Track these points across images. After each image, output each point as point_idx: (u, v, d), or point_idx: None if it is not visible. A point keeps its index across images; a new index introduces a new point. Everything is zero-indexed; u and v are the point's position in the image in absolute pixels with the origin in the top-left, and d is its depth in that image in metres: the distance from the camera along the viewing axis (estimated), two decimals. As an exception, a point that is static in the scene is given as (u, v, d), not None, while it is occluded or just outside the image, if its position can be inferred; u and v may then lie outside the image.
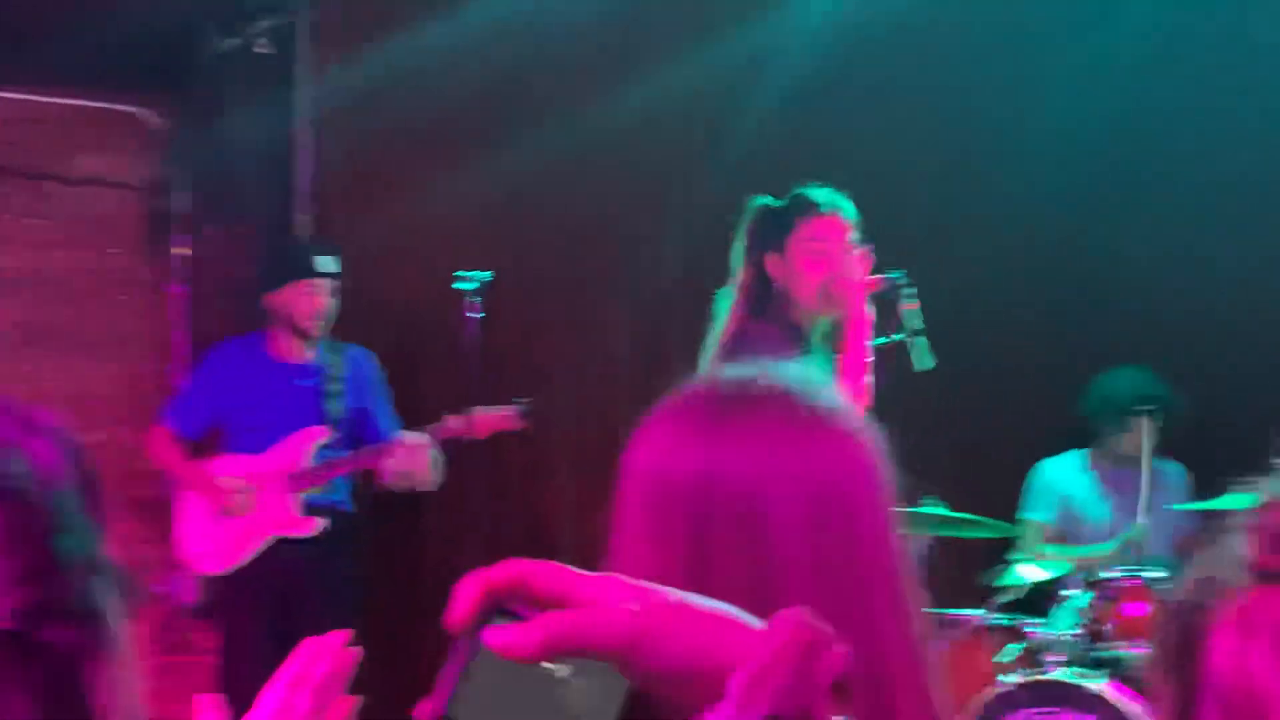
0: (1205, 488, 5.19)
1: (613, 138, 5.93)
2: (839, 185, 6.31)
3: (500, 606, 0.77)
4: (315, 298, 5.15)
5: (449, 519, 5.43)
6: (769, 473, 1.16)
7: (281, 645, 5.39)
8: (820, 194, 3.84)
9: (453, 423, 5.08)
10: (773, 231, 3.81)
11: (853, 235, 3.79)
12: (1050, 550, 5.49)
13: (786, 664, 0.72)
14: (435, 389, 5.64)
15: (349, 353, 5.31)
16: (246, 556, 5.11)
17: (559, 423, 5.81)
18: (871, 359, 3.90)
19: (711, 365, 3.60)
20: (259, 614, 5.07)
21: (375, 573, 5.62)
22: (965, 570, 5.64)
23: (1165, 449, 5.54)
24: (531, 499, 5.84)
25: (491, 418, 5.13)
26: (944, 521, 4.94)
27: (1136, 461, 5.28)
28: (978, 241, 6.49)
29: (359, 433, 5.29)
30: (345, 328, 5.31)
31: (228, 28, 5.39)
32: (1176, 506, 5.33)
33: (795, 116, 6.32)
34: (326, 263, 5.19)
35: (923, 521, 4.84)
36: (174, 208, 5.70)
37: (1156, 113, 6.48)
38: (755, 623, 0.76)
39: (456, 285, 4.87)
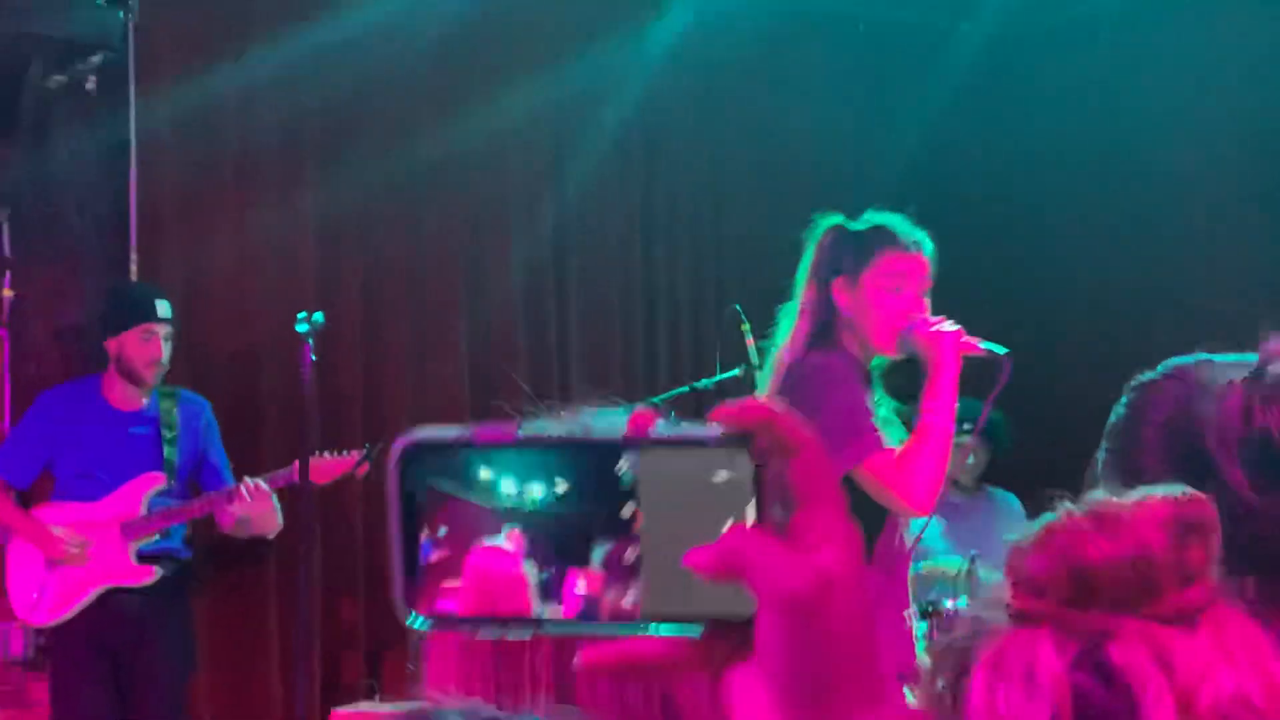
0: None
1: (452, 168, 5.90)
2: (675, 214, 6.42)
3: None
4: (154, 343, 5.04)
5: (289, 566, 5.33)
6: None
7: (116, 695, 5.21)
8: (904, 226, 3.48)
9: (291, 470, 5.00)
10: (847, 256, 3.45)
11: (929, 277, 3.45)
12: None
13: None
14: (273, 434, 5.56)
15: (184, 398, 5.21)
16: (78, 606, 4.98)
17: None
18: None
19: (769, 390, 3.41)
20: (91, 665, 4.94)
21: (213, 621, 5.50)
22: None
23: (997, 477, 5.67)
24: (374, 544, 5.76)
25: (333, 464, 5.07)
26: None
27: (970, 490, 5.39)
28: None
29: (195, 480, 5.19)
30: (177, 372, 5.20)
31: (55, 65, 5.26)
32: (1010, 536, 5.43)
33: (638, 145, 6.36)
34: (165, 307, 5.09)
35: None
36: (-2, 249, 5.55)
37: (978, 144, 6.64)
38: None
39: (296, 328, 4.80)
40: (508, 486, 0.75)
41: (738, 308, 5.01)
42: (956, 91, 6.58)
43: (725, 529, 0.72)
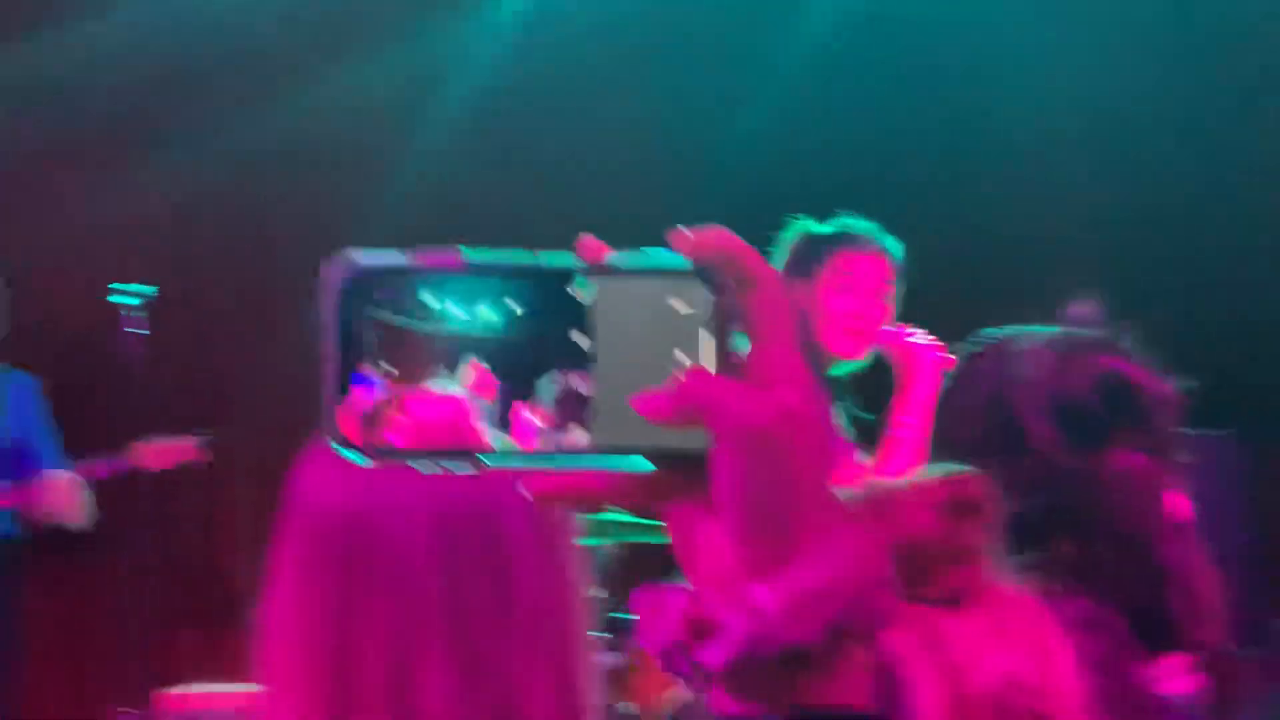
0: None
1: (292, 143, 5.79)
2: (523, 192, 6.36)
3: None
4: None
5: (121, 551, 5.19)
6: (413, 511, 1.14)
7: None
8: (863, 225, 3.40)
9: (123, 456, 4.85)
10: (804, 257, 3.35)
11: (892, 279, 3.35)
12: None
13: (840, 599, 0.71)
14: (105, 416, 5.40)
15: (10, 378, 5.04)
16: None
17: (238, 449, 5.64)
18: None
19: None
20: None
21: (43, 605, 5.35)
22: (652, 575, 5.68)
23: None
24: (211, 529, 5.64)
25: (166, 449, 4.93)
26: (627, 527, 4.97)
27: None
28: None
29: (20, 463, 5.02)
30: (7, 350, 5.04)
31: None
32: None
33: (478, 122, 6.29)
34: (-8, 283, 4.92)
35: (607, 528, 4.86)
36: None
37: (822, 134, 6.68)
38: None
39: (113, 300, 4.63)
40: (455, 313, 0.73)
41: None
42: (810, 66, 6.60)
43: (680, 362, 0.71)
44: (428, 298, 0.73)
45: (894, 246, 3.39)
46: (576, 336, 0.72)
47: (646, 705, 4.91)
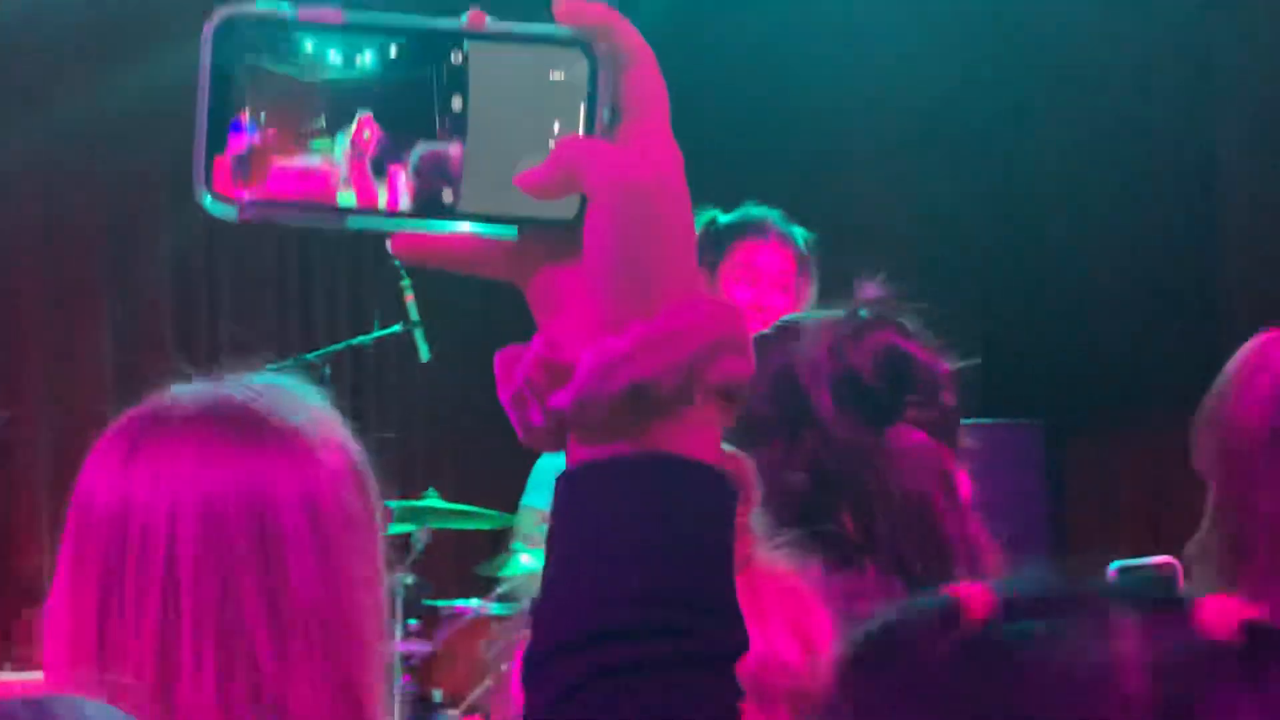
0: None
1: (97, 130, 5.63)
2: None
3: None
4: None
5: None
6: (171, 503, 1.11)
7: None
8: (766, 215, 3.37)
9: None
10: (705, 248, 3.25)
11: (796, 267, 3.30)
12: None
13: (691, 346, 0.71)
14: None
15: None
16: None
17: (36, 436, 5.48)
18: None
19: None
20: None
21: None
22: (464, 562, 5.65)
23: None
24: (4, 519, 5.47)
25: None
26: (441, 514, 4.93)
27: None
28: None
29: None
30: None
31: None
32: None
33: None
34: None
35: (420, 515, 4.82)
36: None
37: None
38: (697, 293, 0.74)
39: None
40: (335, 65, 0.72)
41: (398, 263, 4.89)
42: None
43: (556, 133, 0.72)
44: (308, 49, 0.72)
45: (799, 234, 3.40)
46: (454, 102, 0.72)
47: (456, 693, 4.89)
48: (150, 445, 1.14)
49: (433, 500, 4.89)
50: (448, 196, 0.72)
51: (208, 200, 0.72)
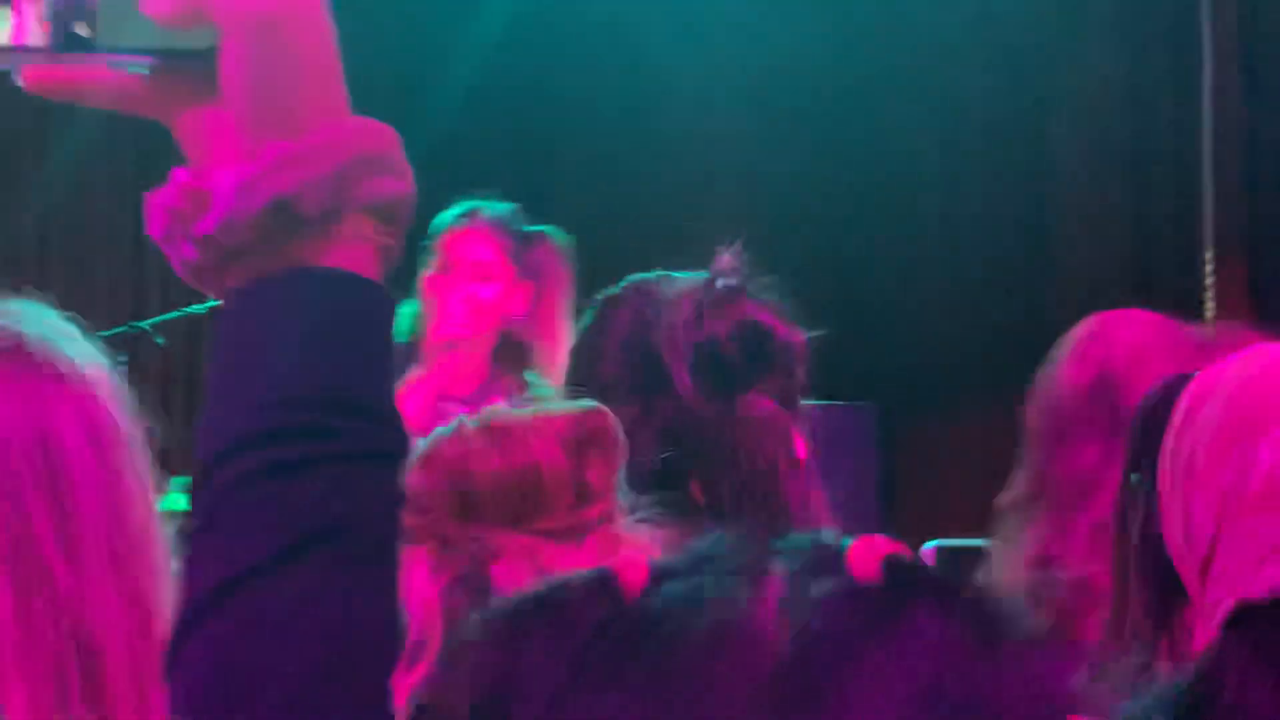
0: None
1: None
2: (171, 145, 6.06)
3: None
4: None
5: None
6: None
7: None
8: (476, 204, 3.29)
9: None
10: (427, 249, 3.26)
11: (502, 252, 3.27)
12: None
13: (332, 162, 0.71)
14: None
15: None
16: None
17: None
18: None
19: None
20: None
21: None
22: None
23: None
24: None
25: None
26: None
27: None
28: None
29: None
30: None
31: None
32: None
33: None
34: None
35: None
36: None
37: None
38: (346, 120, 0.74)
39: None
40: None
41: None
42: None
43: None
44: None
45: (509, 220, 3.36)
46: None
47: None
48: None
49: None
50: (83, 30, 0.72)
51: None
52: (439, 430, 0.82)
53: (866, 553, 0.56)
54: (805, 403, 1.34)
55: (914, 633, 0.54)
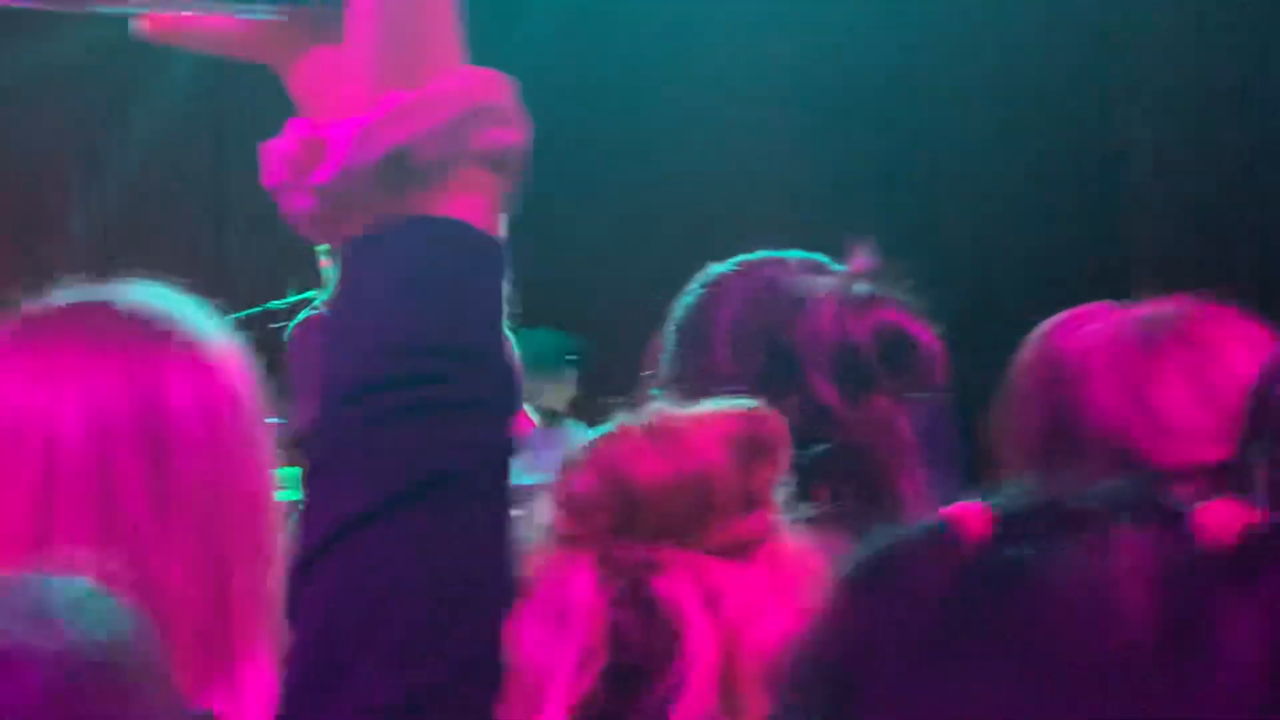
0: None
1: (16, 94, 5.52)
2: (257, 134, 6.09)
3: None
4: None
5: None
6: (53, 400, 1.10)
7: None
8: None
9: None
10: None
11: None
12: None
13: (450, 111, 0.71)
14: None
15: None
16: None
17: None
18: None
19: None
20: None
21: None
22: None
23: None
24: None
25: None
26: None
27: (560, 417, 5.37)
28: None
29: None
30: None
31: None
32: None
33: (212, 78, 6.06)
34: None
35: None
36: None
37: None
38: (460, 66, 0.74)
39: None
40: None
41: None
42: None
43: None
44: None
45: None
46: None
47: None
48: (32, 342, 1.14)
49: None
50: None
51: None
52: (599, 429, 0.77)
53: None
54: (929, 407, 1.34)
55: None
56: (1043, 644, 0.53)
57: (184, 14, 0.74)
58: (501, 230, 0.74)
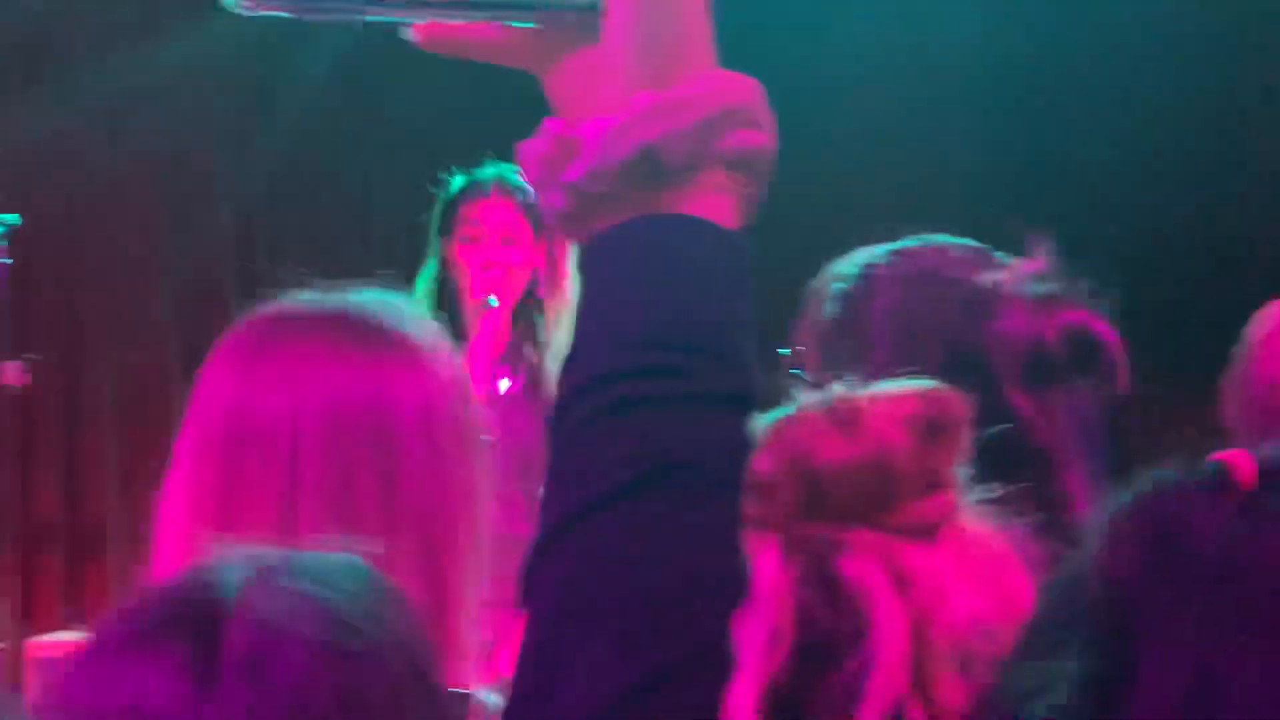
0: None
1: (156, 95, 5.65)
2: (388, 150, 6.20)
3: None
4: None
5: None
6: (296, 400, 1.16)
7: None
8: (488, 172, 3.40)
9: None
10: (446, 215, 3.42)
11: (522, 221, 3.34)
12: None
13: (699, 113, 0.73)
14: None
15: None
16: None
17: (102, 393, 5.55)
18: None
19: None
20: None
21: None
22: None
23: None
24: (71, 457, 5.50)
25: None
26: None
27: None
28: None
29: None
30: None
31: None
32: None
33: (351, 81, 6.15)
34: None
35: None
36: None
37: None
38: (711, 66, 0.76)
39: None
40: None
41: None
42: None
43: None
44: None
45: (523, 189, 3.35)
46: None
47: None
48: (276, 345, 1.20)
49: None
50: None
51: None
52: (780, 411, 0.78)
53: None
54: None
55: None
56: None
57: (450, 24, 0.77)
58: (745, 230, 0.76)
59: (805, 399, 0.77)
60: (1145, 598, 0.55)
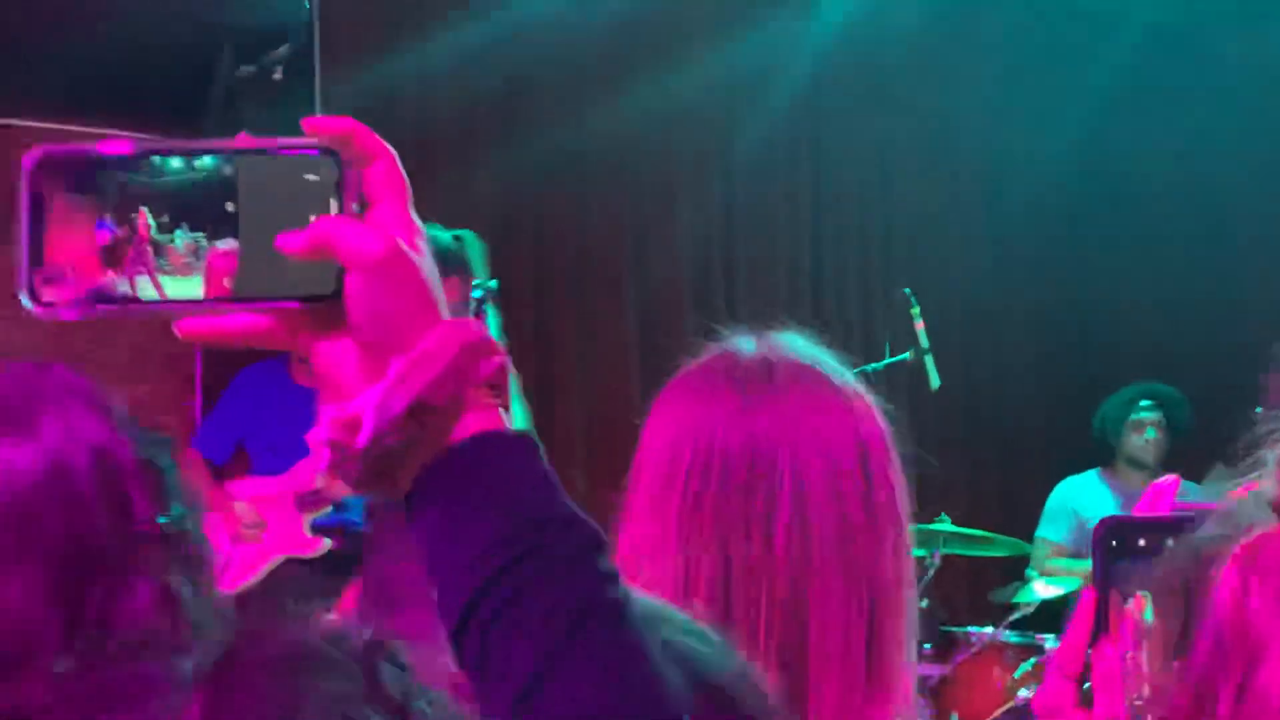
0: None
1: (621, 149, 5.95)
2: (839, 192, 6.34)
3: None
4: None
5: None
6: (794, 440, 1.27)
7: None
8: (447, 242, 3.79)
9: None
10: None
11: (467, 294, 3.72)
12: (1063, 565, 5.51)
13: (444, 359, 0.86)
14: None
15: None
16: (256, 577, 5.12)
17: (569, 418, 5.87)
18: None
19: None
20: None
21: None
22: (978, 588, 5.65)
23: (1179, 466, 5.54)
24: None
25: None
26: (955, 538, 4.97)
27: (1151, 473, 5.30)
28: (985, 257, 6.50)
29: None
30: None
31: (244, 55, 5.41)
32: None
33: (806, 125, 6.32)
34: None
35: (935, 538, 4.87)
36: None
37: (1142, 135, 6.51)
38: (440, 316, 0.90)
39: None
40: (133, 178, 0.90)
41: (908, 291, 5.00)
42: (1125, 74, 6.45)
43: (310, 222, 0.88)
44: (111, 172, 0.89)
45: (475, 259, 3.76)
46: (228, 205, 0.89)
47: (971, 718, 4.90)
48: (766, 392, 1.31)
49: (944, 525, 4.94)
50: (230, 284, 0.88)
51: (30, 305, 0.88)
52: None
53: None
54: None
55: None
56: None
57: (210, 317, 0.89)
58: (514, 423, 0.89)
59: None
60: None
